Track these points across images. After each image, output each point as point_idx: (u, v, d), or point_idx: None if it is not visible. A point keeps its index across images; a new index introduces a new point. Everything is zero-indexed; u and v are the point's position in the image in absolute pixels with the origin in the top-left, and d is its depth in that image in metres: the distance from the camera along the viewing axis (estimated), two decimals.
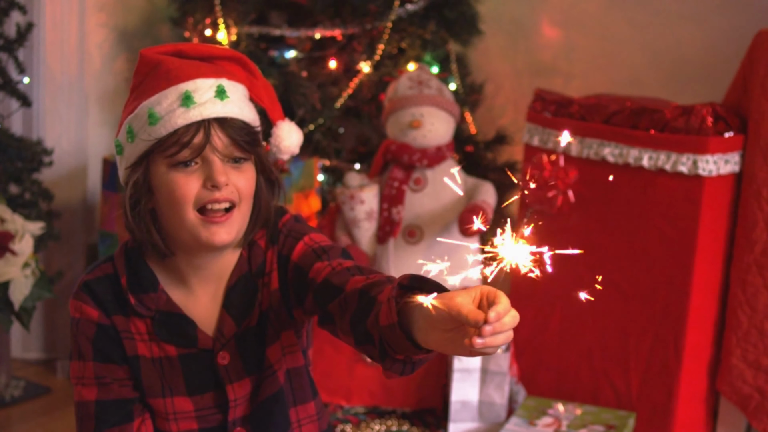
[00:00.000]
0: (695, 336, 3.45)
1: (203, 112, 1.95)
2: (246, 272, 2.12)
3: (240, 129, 1.99)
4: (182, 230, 1.99)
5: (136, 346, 2.09)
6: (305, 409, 2.20)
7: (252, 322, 2.11)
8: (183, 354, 2.10)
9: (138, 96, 2.01)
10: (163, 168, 1.97)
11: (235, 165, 1.99)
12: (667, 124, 3.38)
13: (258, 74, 2.14)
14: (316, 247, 2.08)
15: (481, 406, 3.52)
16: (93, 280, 2.10)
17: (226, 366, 2.10)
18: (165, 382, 2.10)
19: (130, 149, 2.00)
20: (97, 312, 2.08)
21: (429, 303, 1.58)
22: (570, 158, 3.60)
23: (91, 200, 4.48)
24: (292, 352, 2.17)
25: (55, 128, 4.35)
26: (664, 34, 4.08)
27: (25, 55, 4.21)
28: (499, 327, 1.53)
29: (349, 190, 3.83)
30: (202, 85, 1.97)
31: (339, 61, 4.15)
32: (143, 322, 2.09)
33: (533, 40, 4.43)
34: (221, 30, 4.01)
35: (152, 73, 2.00)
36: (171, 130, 1.94)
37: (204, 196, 1.96)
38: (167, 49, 2.04)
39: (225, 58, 2.09)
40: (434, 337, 1.61)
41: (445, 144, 3.86)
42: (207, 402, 2.13)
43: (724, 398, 3.55)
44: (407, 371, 1.75)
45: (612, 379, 3.59)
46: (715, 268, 3.47)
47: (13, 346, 4.33)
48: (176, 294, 2.11)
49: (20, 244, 3.70)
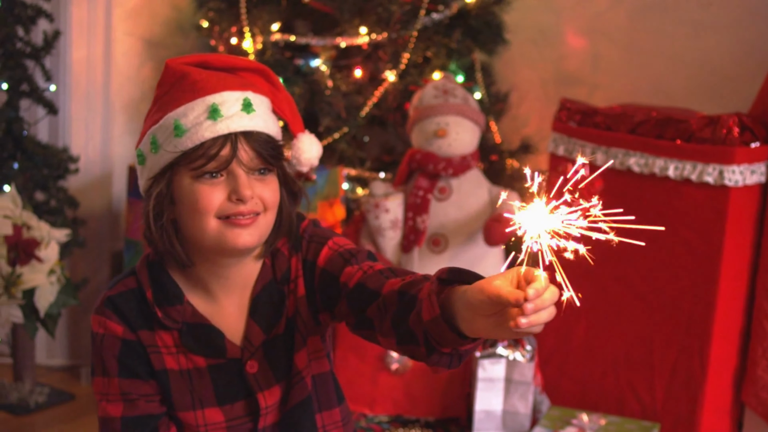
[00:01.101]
0: (720, 347, 3.44)
1: (230, 126, 1.94)
2: (271, 280, 2.11)
3: (265, 142, 1.98)
4: (205, 238, 1.98)
5: (163, 360, 2.08)
6: (330, 416, 2.20)
7: (280, 329, 2.10)
8: (212, 365, 2.09)
9: (162, 107, 2.00)
10: (187, 179, 1.96)
11: (260, 177, 1.98)
12: (692, 134, 3.38)
13: (280, 86, 2.14)
14: (343, 251, 2.07)
15: (505, 416, 3.51)
16: (116, 296, 2.08)
17: (255, 374, 2.10)
18: (195, 394, 2.09)
19: (153, 160, 1.99)
20: (122, 327, 2.06)
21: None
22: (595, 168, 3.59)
23: (116, 208, 4.49)
24: (318, 358, 2.16)
25: (81, 136, 4.37)
26: (689, 44, 4.07)
27: (51, 63, 4.23)
28: (540, 304, 1.55)
29: (374, 198, 3.83)
30: (228, 98, 1.96)
31: (364, 70, 4.15)
32: (170, 335, 2.08)
33: (558, 49, 4.42)
34: (247, 38, 4.02)
35: (178, 83, 1.99)
36: (197, 143, 1.93)
37: (228, 209, 1.96)
38: (192, 59, 2.04)
39: (249, 69, 2.08)
40: (479, 324, 1.62)
41: (470, 153, 3.86)
42: (237, 411, 2.12)
43: (749, 409, 3.54)
44: (454, 364, 1.76)
45: (636, 390, 3.58)
46: (741, 278, 3.46)
47: (38, 352, 4.34)
48: (201, 305, 2.09)
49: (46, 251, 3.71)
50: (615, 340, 3.63)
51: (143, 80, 4.57)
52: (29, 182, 4.04)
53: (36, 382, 4.18)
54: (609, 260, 3.61)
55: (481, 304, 1.59)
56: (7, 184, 3.95)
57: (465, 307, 1.63)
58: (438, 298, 1.68)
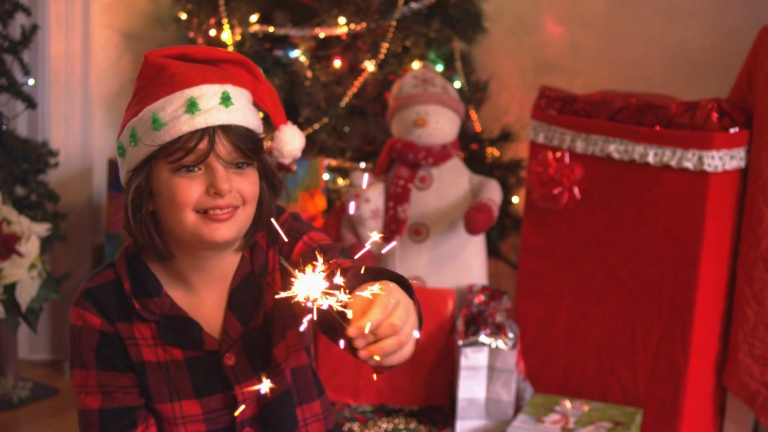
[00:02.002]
0: (702, 332, 3.45)
1: (208, 120, 1.94)
2: (249, 273, 2.11)
3: (244, 136, 1.98)
4: (183, 232, 1.98)
5: (141, 352, 2.08)
6: (311, 408, 2.20)
7: (258, 322, 2.11)
8: (189, 357, 2.09)
9: (141, 99, 2.00)
10: (165, 172, 1.96)
11: (238, 170, 1.99)
12: (672, 120, 3.38)
13: (262, 78, 2.14)
14: (315, 247, 2.07)
15: (488, 404, 3.52)
16: (95, 288, 2.09)
17: (233, 367, 2.10)
18: (172, 387, 2.10)
19: (132, 152, 2.00)
20: (100, 319, 2.07)
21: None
22: (575, 155, 3.60)
23: (96, 201, 4.49)
24: (296, 351, 2.17)
25: (61, 130, 4.36)
26: (668, 30, 4.07)
27: (29, 57, 4.22)
28: (373, 351, 1.64)
29: (354, 188, 3.83)
30: (207, 92, 1.96)
31: (343, 60, 4.15)
32: (148, 327, 2.08)
33: (537, 37, 4.43)
34: (225, 30, 4.01)
35: (157, 77, 1.99)
36: (175, 137, 1.93)
37: (206, 202, 1.96)
38: (172, 52, 2.03)
39: (230, 61, 2.08)
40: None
41: (450, 142, 3.86)
42: (215, 404, 2.12)
43: (731, 394, 3.55)
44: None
45: (619, 376, 3.59)
46: (722, 263, 3.47)
47: (21, 347, 4.34)
48: (180, 297, 2.10)
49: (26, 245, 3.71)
50: (597, 327, 3.64)
51: (122, 73, 4.56)
52: (9, 177, 4.03)
53: (19, 377, 4.17)
54: (590, 247, 3.62)
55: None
56: None
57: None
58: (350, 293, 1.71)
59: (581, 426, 3.37)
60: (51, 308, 4.43)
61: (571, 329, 3.72)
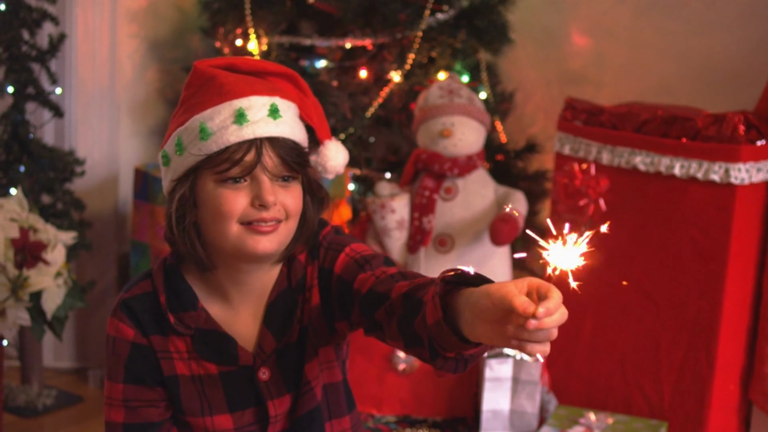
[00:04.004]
0: (727, 345, 3.43)
1: (256, 131, 1.92)
2: (285, 288, 2.09)
3: (291, 149, 1.96)
4: (225, 243, 1.96)
5: (174, 366, 2.07)
6: (340, 423, 2.19)
7: (292, 337, 2.09)
8: (223, 371, 2.08)
9: (189, 108, 1.98)
10: (210, 183, 1.94)
11: (283, 183, 1.96)
12: (698, 132, 3.37)
13: (308, 92, 2.10)
14: (358, 258, 2.05)
15: (512, 416, 3.51)
16: (130, 298, 2.07)
17: (266, 382, 2.08)
18: (204, 401, 2.08)
19: (177, 162, 1.98)
20: (134, 331, 2.05)
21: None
22: (601, 167, 3.60)
23: (122, 210, 4.50)
24: (330, 368, 2.15)
25: (87, 138, 4.38)
26: (694, 42, 4.07)
27: (57, 66, 4.23)
28: (546, 323, 1.50)
29: (380, 199, 3.84)
30: (255, 103, 1.94)
31: (369, 71, 4.15)
32: (182, 341, 2.07)
33: (563, 48, 4.42)
34: (252, 40, 4.02)
35: (205, 86, 1.97)
36: (222, 147, 1.91)
37: (251, 214, 1.94)
38: (220, 62, 2.01)
39: (277, 74, 2.06)
40: (480, 328, 1.58)
41: (475, 153, 3.86)
42: (247, 419, 2.11)
43: (756, 408, 3.54)
44: (460, 368, 1.74)
45: (644, 388, 3.58)
46: (748, 276, 3.46)
47: (46, 355, 4.35)
48: (216, 310, 2.08)
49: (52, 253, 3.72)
50: (622, 339, 3.63)
51: (148, 82, 4.57)
52: (35, 185, 4.04)
53: (44, 384, 4.18)
54: (616, 259, 3.61)
55: (486, 308, 1.56)
56: (14, 187, 3.95)
57: (468, 310, 1.60)
58: (441, 301, 1.66)
59: None
60: (76, 316, 4.44)
61: (596, 341, 3.71)
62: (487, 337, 1.59)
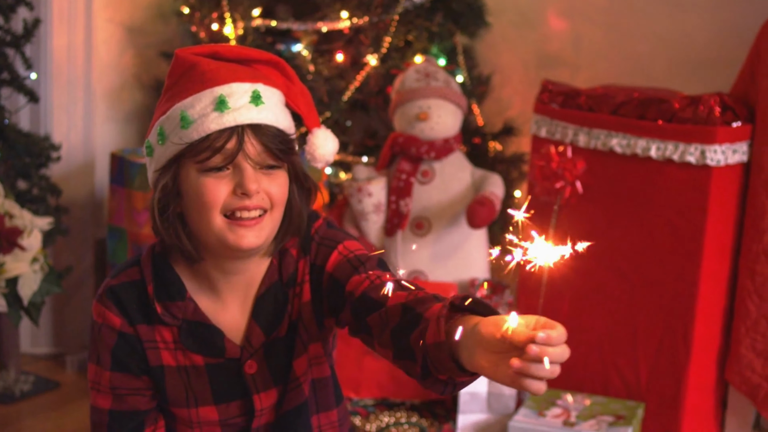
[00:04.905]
0: (704, 326, 3.45)
1: (237, 118, 1.89)
2: (276, 281, 2.07)
3: (274, 136, 1.93)
4: (210, 234, 1.94)
5: (160, 356, 2.06)
6: (327, 416, 2.18)
7: (281, 332, 2.07)
8: (210, 363, 2.07)
9: (171, 97, 1.96)
10: (193, 172, 1.92)
11: (267, 171, 1.94)
12: (674, 114, 3.38)
13: (295, 79, 2.07)
14: (352, 258, 2.02)
15: (489, 398, 3.52)
16: (118, 286, 2.06)
17: (253, 375, 2.07)
18: (190, 392, 2.07)
19: (160, 151, 1.96)
20: (120, 320, 2.04)
21: (508, 325, 1.52)
22: (578, 149, 3.60)
23: (99, 195, 4.48)
24: (319, 364, 2.14)
25: (63, 124, 4.36)
26: (671, 24, 4.07)
27: (32, 51, 4.21)
28: (546, 352, 1.48)
29: (357, 182, 3.83)
30: (237, 90, 1.91)
31: (346, 54, 4.15)
32: (169, 331, 2.05)
33: (540, 31, 4.42)
34: (228, 24, 4.01)
35: (187, 74, 1.95)
36: (203, 135, 1.89)
37: (233, 203, 1.91)
38: (203, 50, 1.98)
39: (262, 61, 2.03)
40: (480, 358, 1.55)
41: (452, 136, 3.86)
42: (233, 411, 2.10)
43: (732, 388, 3.55)
44: (448, 391, 1.71)
45: (621, 370, 3.59)
46: (724, 257, 3.47)
47: (22, 341, 4.34)
48: (204, 302, 2.06)
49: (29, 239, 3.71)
50: (599, 321, 3.64)
51: (124, 67, 4.56)
52: (11, 171, 4.02)
53: (21, 370, 4.17)
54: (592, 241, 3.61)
55: (491, 339, 1.53)
56: None
57: (472, 338, 1.57)
58: (446, 324, 1.63)
59: (583, 420, 3.37)
60: (53, 302, 4.43)
61: (573, 323, 3.71)
62: (484, 368, 1.56)
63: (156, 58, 4.50)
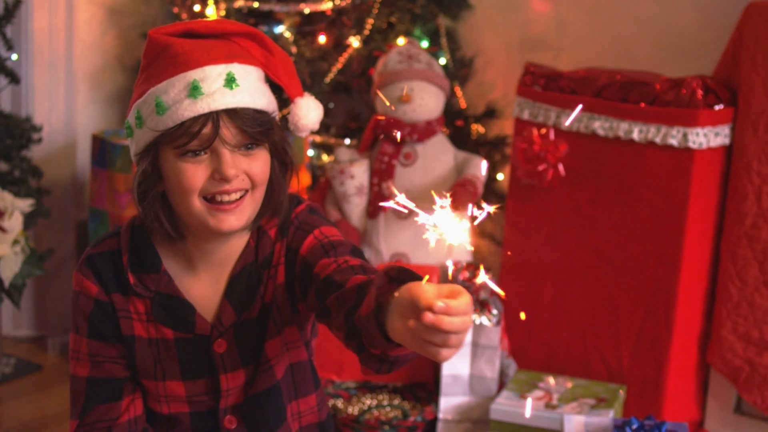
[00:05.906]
0: (685, 309, 3.45)
1: (211, 104, 1.87)
2: (251, 262, 2.06)
3: (251, 119, 1.91)
4: (191, 217, 1.95)
5: (132, 326, 2.06)
6: (306, 402, 2.18)
7: (253, 313, 2.07)
8: (179, 338, 2.07)
9: (147, 79, 1.94)
10: (171, 157, 1.91)
11: (246, 152, 1.93)
12: (657, 97, 3.38)
13: (275, 50, 2.03)
14: (325, 242, 2.01)
15: (472, 380, 3.52)
16: (96, 255, 2.07)
17: (222, 354, 2.07)
18: (159, 365, 2.08)
19: (138, 135, 1.95)
20: (97, 288, 2.05)
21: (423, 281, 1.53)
22: (560, 132, 3.60)
23: (80, 177, 4.47)
24: (296, 348, 2.14)
25: (44, 105, 4.34)
26: (654, 8, 4.06)
27: (12, 32, 4.19)
28: (442, 321, 1.47)
29: (339, 164, 3.83)
30: (210, 74, 1.89)
31: (328, 36, 4.14)
32: (142, 302, 2.06)
33: (523, 13, 4.41)
34: (210, 5, 3.99)
35: (161, 56, 1.93)
36: (178, 122, 1.87)
37: (212, 187, 1.91)
38: (176, 29, 1.95)
39: (239, 34, 1.99)
40: (395, 321, 1.56)
41: (435, 118, 3.85)
42: (199, 388, 2.10)
43: (714, 371, 3.56)
44: (384, 370, 1.71)
45: (603, 352, 3.60)
46: (706, 240, 3.47)
47: (4, 323, 4.32)
48: (179, 277, 2.06)
49: (10, 221, 3.69)
50: (581, 304, 3.64)
51: (106, 49, 4.54)
52: None
53: (2, 353, 4.16)
54: (574, 223, 3.61)
55: (404, 303, 1.53)
56: None
57: (394, 305, 1.57)
58: (378, 294, 1.63)
59: (565, 402, 3.38)
60: (34, 284, 4.42)
61: (555, 306, 3.72)
62: (398, 330, 1.56)
63: (138, 39, 4.48)
